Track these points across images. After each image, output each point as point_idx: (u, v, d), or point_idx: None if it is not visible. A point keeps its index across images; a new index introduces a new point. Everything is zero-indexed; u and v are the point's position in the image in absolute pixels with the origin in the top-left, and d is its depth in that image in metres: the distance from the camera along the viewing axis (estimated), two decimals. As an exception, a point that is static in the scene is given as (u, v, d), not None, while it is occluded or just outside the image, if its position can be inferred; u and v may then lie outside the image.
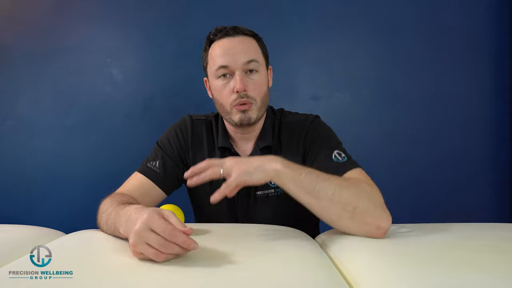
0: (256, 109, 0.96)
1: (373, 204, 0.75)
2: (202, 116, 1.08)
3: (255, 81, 0.95)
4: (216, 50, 0.96)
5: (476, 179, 1.59)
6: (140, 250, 0.60)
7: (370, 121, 1.59)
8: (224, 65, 0.93)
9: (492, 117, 1.59)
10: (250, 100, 0.94)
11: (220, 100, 0.97)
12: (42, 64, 1.53)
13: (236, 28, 0.97)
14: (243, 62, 0.94)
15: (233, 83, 0.94)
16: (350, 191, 0.75)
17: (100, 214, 0.83)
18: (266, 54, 1.03)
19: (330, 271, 0.62)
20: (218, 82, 0.96)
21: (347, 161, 0.90)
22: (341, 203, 0.73)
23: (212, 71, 0.97)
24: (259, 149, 1.00)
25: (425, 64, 1.58)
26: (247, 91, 0.94)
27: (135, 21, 1.56)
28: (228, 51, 0.94)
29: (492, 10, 1.58)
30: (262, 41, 1.02)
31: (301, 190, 0.75)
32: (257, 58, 0.96)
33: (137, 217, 0.62)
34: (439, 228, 0.87)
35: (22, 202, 1.52)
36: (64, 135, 1.53)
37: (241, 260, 0.63)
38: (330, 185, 0.74)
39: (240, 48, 0.94)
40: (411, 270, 0.58)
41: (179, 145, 1.02)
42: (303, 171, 0.75)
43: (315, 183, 0.74)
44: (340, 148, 0.95)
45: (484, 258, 0.63)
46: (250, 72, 0.95)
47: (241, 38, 0.96)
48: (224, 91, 0.95)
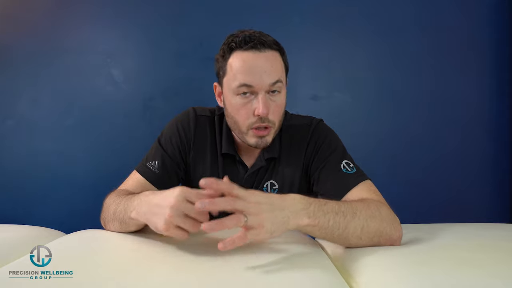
0: (273, 133, 0.91)
1: (394, 229, 0.73)
2: (206, 111, 1.02)
3: (277, 103, 0.89)
4: (238, 63, 0.86)
5: (476, 179, 1.59)
6: (178, 222, 0.64)
7: (370, 121, 1.58)
8: (248, 84, 0.85)
9: (492, 117, 1.59)
10: (270, 124, 0.89)
11: (236, 117, 0.90)
12: (42, 64, 1.53)
13: (265, 41, 0.87)
14: (269, 84, 0.86)
15: (255, 104, 0.87)
16: (376, 221, 0.71)
17: (106, 207, 0.84)
18: (288, 67, 0.95)
19: (330, 271, 0.62)
20: (237, 100, 0.88)
21: (356, 172, 0.87)
22: (368, 238, 0.71)
23: (231, 85, 0.88)
24: (264, 159, 0.97)
25: (425, 64, 1.58)
26: (269, 115, 0.88)
27: (135, 21, 1.56)
28: (254, 69, 0.85)
29: (492, 10, 1.58)
30: (286, 52, 0.94)
31: (329, 236, 0.70)
32: (281, 78, 0.89)
33: (165, 194, 0.67)
34: (439, 228, 0.87)
35: (22, 202, 1.52)
36: (64, 135, 1.53)
37: (241, 261, 0.63)
38: (358, 223, 0.70)
39: (267, 68, 0.86)
40: (412, 270, 0.58)
41: (181, 144, 0.98)
42: (331, 217, 0.68)
43: (344, 226, 0.69)
44: (347, 157, 0.92)
45: (484, 258, 0.63)
46: (273, 93, 0.88)
47: (269, 54, 0.87)
48: (242, 110, 0.88)
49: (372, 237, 0.71)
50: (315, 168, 0.93)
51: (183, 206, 0.64)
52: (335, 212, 0.69)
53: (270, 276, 0.57)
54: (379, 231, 0.71)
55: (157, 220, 0.66)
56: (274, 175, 0.98)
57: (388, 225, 0.72)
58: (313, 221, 0.66)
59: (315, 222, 0.67)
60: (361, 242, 0.71)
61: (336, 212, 0.69)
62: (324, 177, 0.90)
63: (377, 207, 0.74)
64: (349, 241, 0.71)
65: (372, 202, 0.76)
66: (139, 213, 0.71)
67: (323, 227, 0.68)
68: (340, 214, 0.69)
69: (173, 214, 0.63)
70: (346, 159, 0.91)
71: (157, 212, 0.66)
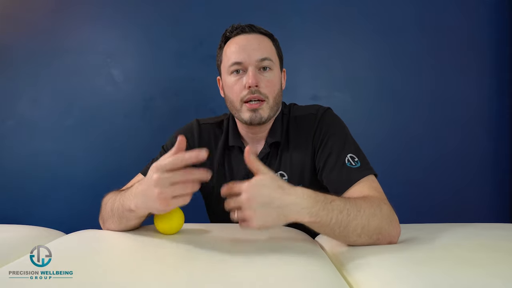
0: (268, 108, 0.94)
1: (392, 226, 0.74)
2: (210, 120, 1.07)
3: (268, 78, 0.94)
4: (231, 47, 0.95)
5: (476, 179, 1.59)
6: (169, 194, 0.65)
7: (370, 121, 1.58)
8: (238, 61, 0.92)
9: (492, 117, 1.59)
10: (262, 96, 0.92)
11: (231, 96, 0.96)
12: (42, 64, 1.53)
13: (253, 26, 0.96)
14: (257, 59, 0.92)
15: (246, 79, 0.92)
16: (376, 220, 0.72)
17: (104, 205, 0.84)
18: (281, 55, 1.01)
19: (330, 271, 0.62)
20: (231, 78, 0.95)
21: (360, 166, 0.87)
22: (367, 236, 0.72)
23: (225, 67, 0.96)
24: (268, 145, 0.99)
25: (425, 64, 1.58)
26: (259, 87, 0.92)
27: (135, 21, 1.56)
28: (243, 47, 0.93)
29: (492, 10, 1.58)
30: (278, 42, 1.00)
31: (329, 233, 0.71)
32: (271, 57, 0.95)
33: (147, 177, 0.68)
34: (439, 228, 0.87)
35: (22, 202, 1.52)
36: (64, 135, 1.53)
37: (240, 260, 0.63)
38: (360, 221, 0.70)
39: (255, 45, 0.93)
40: (411, 269, 0.58)
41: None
42: (334, 215, 0.68)
43: (345, 224, 0.69)
44: (352, 149, 0.92)
45: (484, 258, 0.63)
46: (264, 70, 0.94)
47: (257, 36, 0.95)
48: (235, 87, 0.94)
49: (371, 235, 0.72)
50: (320, 158, 0.94)
51: (165, 178, 0.65)
52: (339, 210, 0.69)
53: (268, 275, 0.57)
54: (378, 229, 0.72)
55: (153, 203, 0.67)
56: (282, 165, 0.99)
57: (387, 223, 0.73)
58: (315, 219, 0.67)
59: (316, 220, 0.68)
60: (360, 240, 0.72)
61: (341, 210, 0.69)
62: (328, 169, 0.91)
63: (378, 205, 0.74)
64: (348, 238, 0.72)
65: (374, 200, 0.76)
66: (137, 205, 0.72)
67: (324, 224, 0.69)
68: (344, 212, 0.69)
69: (161, 190, 0.65)
70: (351, 151, 0.91)
71: (149, 195, 0.68)
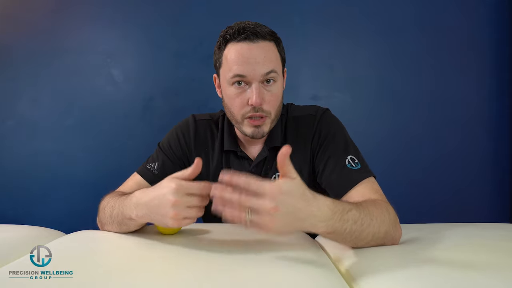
0: (269, 122, 0.91)
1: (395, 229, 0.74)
2: (206, 115, 1.04)
3: (272, 92, 0.89)
4: (233, 54, 0.87)
5: (476, 178, 1.59)
6: (184, 215, 0.67)
7: (370, 121, 1.58)
8: (241, 74, 0.86)
9: (492, 117, 1.59)
10: (265, 113, 0.89)
11: (231, 108, 0.91)
12: (42, 64, 1.53)
13: (257, 33, 0.87)
14: (262, 74, 0.86)
15: (249, 94, 0.87)
16: (385, 226, 0.71)
17: (102, 209, 0.83)
18: (284, 57, 0.95)
19: (330, 271, 0.62)
20: (232, 90, 0.89)
21: (360, 168, 0.86)
22: (375, 241, 0.71)
23: (226, 76, 0.89)
24: (267, 149, 0.97)
25: (425, 64, 1.58)
26: (263, 104, 0.88)
27: (135, 21, 1.56)
28: (247, 59, 0.85)
29: (492, 10, 1.58)
30: (281, 42, 0.94)
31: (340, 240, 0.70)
32: (276, 68, 0.88)
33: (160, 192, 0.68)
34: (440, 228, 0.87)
35: (22, 202, 1.52)
36: (64, 135, 1.53)
37: (240, 260, 0.63)
38: (372, 230, 0.69)
39: (260, 58, 0.86)
40: (412, 270, 0.58)
41: (181, 148, 1.00)
42: (348, 225, 0.66)
43: (358, 234, 0.68)
44: (352, 151, 0.91)
45: (484, 258, 0.63)
46: (267, 83, 0.88)
47: (262, 44, 0.87)
48: (237, 100, 0.89)
49: (378, 240, 0.72)
50: (320, 161, 0.92)
51: (184, 201, 0.66)
52: (354, 221, 0.67)
53: (269, 276, 0.57)
54: (385, 234, 0.72)
55: (163, 219, 0.68)
56: None
57: (392, 227, 0.73)
58: (330, 230, 0.65)
59: (331, 231, 0.65)
60: (367, 245, 0.72)
61: (355, 220, 0.67)
62: (328, 171, 0.90)
63: (387, 210, 0.74)
64: (357, 244, 0.71)
65: (382, 205, 0.75)
66: (139, 215, 0.72)
67: (337, 234, 0.67)
68: (358, 222, 0.67)
69: (178, 211, 0.66)
70: (351, 153, 0.89)
71: (160, 213, 0.67)
